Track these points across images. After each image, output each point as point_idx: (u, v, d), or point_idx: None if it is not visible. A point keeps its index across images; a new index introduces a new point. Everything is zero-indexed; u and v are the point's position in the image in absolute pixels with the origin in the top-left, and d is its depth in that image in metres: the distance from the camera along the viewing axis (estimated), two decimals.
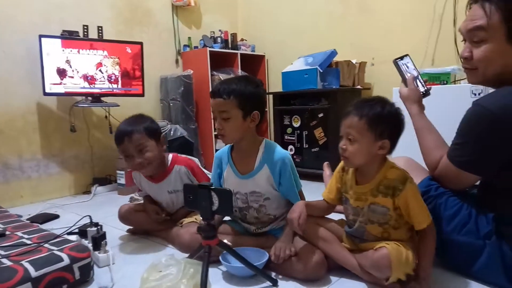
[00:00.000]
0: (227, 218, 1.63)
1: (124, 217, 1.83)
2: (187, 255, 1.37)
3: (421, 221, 1.15)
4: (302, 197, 1.51)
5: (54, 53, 2.49)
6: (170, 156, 1.76)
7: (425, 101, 1.43)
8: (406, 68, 1.45)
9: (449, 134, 1.23)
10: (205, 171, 1.81)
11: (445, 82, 2.36)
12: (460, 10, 2.59)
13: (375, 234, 1.23)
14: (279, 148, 1.45)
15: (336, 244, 1.32)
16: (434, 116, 1.49)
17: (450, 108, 1.25)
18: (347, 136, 1.18)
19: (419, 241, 1.19)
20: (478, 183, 1.28)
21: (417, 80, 1.42)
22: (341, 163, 1.33)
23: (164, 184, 1.73)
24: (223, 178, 1.52)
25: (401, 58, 1.47)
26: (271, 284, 1.27)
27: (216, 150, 3.37)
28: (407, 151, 1.31)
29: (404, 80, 1.44)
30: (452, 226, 1.21)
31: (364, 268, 1.21)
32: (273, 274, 1.33)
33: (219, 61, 3.49)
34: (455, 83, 2.32)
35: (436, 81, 2.38)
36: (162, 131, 2.98)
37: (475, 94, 2.05)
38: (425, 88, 1.42)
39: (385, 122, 1.14)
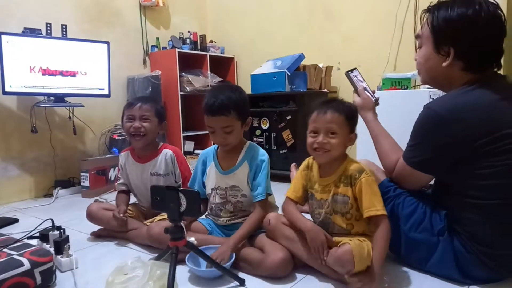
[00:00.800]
0: None
1: (92, 215, 1.81)
2: (153, 256, 1.36)
3: (369, 207, 1.23)
4: (267, 205, 1.53)
5: (15, 50, 2.39)
6: (162, 143, 1.90)
7: (388, 104, 1.52)
8: (357, 79, 1.56)
9: (409, 136, 1.29)
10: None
11: (406, 86, 2.47)
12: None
13: (340, 225, 1.30)
14: (261, 150, 1.55)
15: (301, 243, 1.35)
16: (395, 119, 1.57)
17: (410, 111, 1.33)
18: (329, 131, 1.28)
19: (374, 234, 1.25)
20: (433, 182, 1.36)
21: (367, 91, 1.53)
22: (305, 162, 1.42)
23: (149, 166, 1.81)
24: (206, 173, 1.58)
25: (351, 70, 1.58)
26: (238, 283, 1.29)
27: (185, 152, 3.37)
28: (367, 155, 1.39)
29: (356, 90, 1.54)
30: (409, 225, 1.28)
31: (328, 265, 1.25)
32: (240, 274, 1.35)
33: (188, 62, 3.48)
34: (415, 88, 2.44)
35: (398, 86, 2.48)
36: None
37: (432, 98, 2.16)
38: (374, 98, 1.52)
39: (354, 118, 1.33)
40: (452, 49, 1.19)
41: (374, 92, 1.54)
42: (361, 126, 1.39)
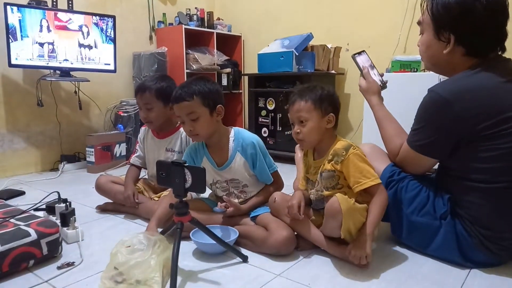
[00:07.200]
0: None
1: (100, 186, 1.85)
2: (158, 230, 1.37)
3: (356, 183, 1.24)
4: (279, 178, 1.58)
5: (21, 22, 2.36)
6: None
7: (397, 87, 1.49)
8: (364, 62, 1.53)
9: None
10: None
11: (415, 69, 2.43)
12: None
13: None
14: (247, 133, 1.52)
15: (305, 220, 1.36)
16: (403, 102, 1.55)
17: (419, 94, 1.30)
18: (299, 120, 1.32)
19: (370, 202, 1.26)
20: (437, 167, 1.35)
21: (375, 74, 1.50)
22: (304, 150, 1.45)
23: (165, 142, 1.84)
24: None
25: (359, 53, 1.55)
26: (241, 260, 1.31)
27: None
28: (372, 139, 1.38)
29: (362, 74, 1.51)
30: (412, 208, 1.28)
31: (325, 228, 1.28)
32: (242, 251, 1.37)
33: (195, 40, 3.43)
34: (424, 71, 2.40)
35: (407, 69, 2.44)
36: (134, 108, 2.95)
37: None
38: (382, 82, 1.50)
39: (326, 100, 1.32)
40: (452, 35, 1.19)
41: (382, 76, 1.52)
42: (367, 110, 1.37)
